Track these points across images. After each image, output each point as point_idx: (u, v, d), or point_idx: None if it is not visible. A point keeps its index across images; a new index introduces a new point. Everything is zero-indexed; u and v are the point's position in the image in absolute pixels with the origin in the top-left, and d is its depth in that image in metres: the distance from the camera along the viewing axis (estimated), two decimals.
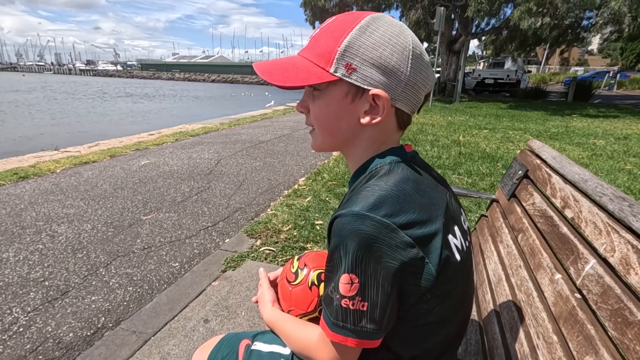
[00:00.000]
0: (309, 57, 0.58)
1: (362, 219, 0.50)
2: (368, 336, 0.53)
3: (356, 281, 0.50)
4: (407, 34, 0.55)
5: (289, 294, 0.73)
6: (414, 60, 0.55)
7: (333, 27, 0.57)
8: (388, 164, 0.58)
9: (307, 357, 0.62)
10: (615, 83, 24.51)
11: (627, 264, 0.60)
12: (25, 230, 2.50)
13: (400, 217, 0.51)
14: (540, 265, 0.88)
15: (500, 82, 16.79)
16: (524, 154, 1.34)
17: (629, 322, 0.54)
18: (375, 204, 0.51)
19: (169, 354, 1.49)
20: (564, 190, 0.94)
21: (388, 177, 0.56)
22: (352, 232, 0.50)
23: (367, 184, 0.56)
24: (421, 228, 0.52)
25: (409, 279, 0.52)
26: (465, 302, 0.64)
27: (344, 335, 0.53)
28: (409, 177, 0.56)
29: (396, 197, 0.52)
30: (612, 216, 0.70)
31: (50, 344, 1.53)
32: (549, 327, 0.73)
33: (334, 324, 0.53)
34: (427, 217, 0.53)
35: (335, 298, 0.52)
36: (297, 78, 0.56)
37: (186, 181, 3.68)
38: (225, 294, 1.90)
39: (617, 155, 5.01)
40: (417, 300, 0.54)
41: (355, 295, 0.51)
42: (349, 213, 0.51)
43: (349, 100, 0.57)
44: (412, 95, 0.57)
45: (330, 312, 0.54)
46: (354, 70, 0.54)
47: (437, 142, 5.65)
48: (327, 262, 0.55)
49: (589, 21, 10.67)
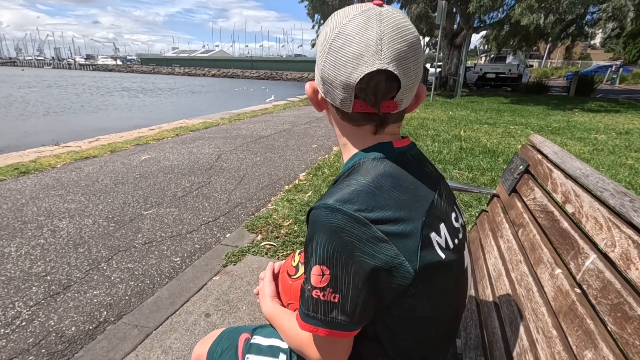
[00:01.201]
0: None
1: (334, 212, 0.51)
2: (339, 327, 0.53)
3: (327, 273, 0.51)
4: (339, 27, 0.52)
5: (289, 287, 0.74)
6: (330, 54, 0.53)
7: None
8: (371, 160, 0.58)
9: (302, 351, 0.62)
10: (617, 77, 24.35)
11: (628, 259, 0.60)
12: (26, 225, 2.51)
13: (373, 212, 0.51)
14: (540, 260, 0.88)
15: (501, 77, 16.68)
16: (525, 149, 1.34)
17: (628, 317, 0.54)
18: (349, 197, 0.52)
19: (170, 347, 1.50)
20: (565, 186, 0.94)
21: (368, 171, 0.56)
22: (323, 225, 0.51)
23: (346, 178, 0.57)
24: (396, 225, 0.52)
25: (383, 274, 0.51)
26: (456, 298, 0.64)
27: (314, 325, 0.53)
28: (390, 173, 0.56)
29: (372, 193, 0.53)
30: (613, 211, 0.70)
31: (53, 338, 1.54)
32: (549, 321, 0.73)
33: (305, 314, 0.54)
34: (404, 215, 0.53)
35: (307, 289, 0.53)
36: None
37: (187, 176, 3.68)
38: (226, 288, 1.91)
39: (618, 150, 4.99)
40: (398, 296, 0.53)
41: (326, 286, 0.51)
42: (322, 205, 0.52)
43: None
44: (331, 91, 0.56)
45: (302, 302, 0.54)
46: None
47: (438, 137, 5.64)
48: (304, 253, 0.56)
49: (592, 16, 10.56)
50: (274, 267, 0.83)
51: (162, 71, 64.27)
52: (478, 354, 0.94)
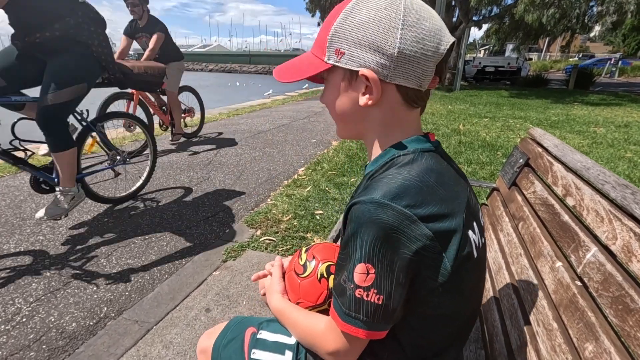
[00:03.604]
0: (313, 51, 0.60)
1: (383, 208, 0.48)
2: (379, 328, 0.52)
3: (372, 272, 0.49)
4: (398, 3, 0.52)
5: (298, 286, 0.72)
6: (407, 30, 0.51)
7: (329, 17, 0.58)
8: (412, 152, 0.56)
9: (313, 345, 0.61)
10: (616, 70, 24.30)
11: (629, 251, 0.60)
12: (25, 222, 2.50)
13: (422, 209, 0.49)
14: (540, 254, 0.88)
15: (500, 70, 16.63)
16: (525, 142, 1.33)
17: (630, 309, 0.54)
18: (398, 193, 0.50)
19: (171, 342, 1.51)
20: (565, 179, 0.93)
21: (411, 166, 0.54)
22: (371, 220, 0.49)
23: (388, 171, 0.55)
24: (442, 222, 0.51)
25: (423, 272, 0.51)
26: (475, 297, 0.64)
27: (355, 326, 0.52)
28: (433, 169, 0.55)
29: (419, 188, 0.51)
30: (614, 204, 0.70)
31: (54, 334, 1.54)
32: (549, 314, 0.73)
33: (346, 314, 0.52)
34: (448, 211, 0.52)
35: (349, 287, 0.51)
36: (299, 72, 0.59)
37: (185, 172, 3.67)
38: (226, 283, 1.91)
39: (617, 143, 4.99)
40: (429, 293, 0.53)
41: (370, 286, 0.50)
42: (369, 200, 0.50)
43: (346, 84, 0.58)
44: (412, 68, 0.53)
45: (343, 302, 0.52)
46: (343, 54, 0.55)
47: (437, 131, 5.63)
48: (341, 249, 0.54)
49: (592, 10, 10.49)
50: (282, 263, 0.82)
51: None
52: (478, 346, 0.95)
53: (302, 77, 0.59)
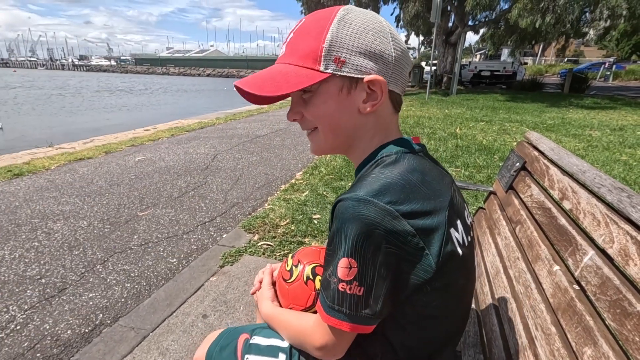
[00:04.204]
0: (293, 62, 0.57)
1: (366, 204, 0.50)
2: (362, 321, 0.53)
3: (355, 265, 0.51)
4: (380, 18, 0.58)
5: (287, 291, 0.74)
6: (394, 41, 0.57)
7: (307, 28, 0.57)
8: (395, 153, 0.59)
9: (303, 343, 0.62)
10: (611, 74, 24.54)
11: (626, 255, 0.60)
12: (20, 228, 2.48)
13: (404, 205, 0.51)
14: (538, 257, 0.88)
15: (496, 74, 16.76)
16: (522, 146, 1.34)
17: (627, 313, 0.54)
18: (380, 190, 0.51)
19: (167, 349, 1.49)
20: (562, 182, 0.94)
21: (395, 165, 0.56)
22: (354, 216, 0.50)
23: (373, 171, 0.56)
24: (424, 219, 0.52)
25: (406, 268, 0.52)
26: (465, 297, 0.64)
27: (339, 319, 0.53)
28: (416, 168, 0.56)
29: (401, 186, 0.52)
30: (610, 207, 0.70)
31: (49, 342, 1.52)
32: (548, 318, 0.73)
33: (330, 307, 0.53)
34: (431, 209, 0.53)
35: (333, 282, 0.52)
36: (289, 84, 0.55)
37: (183, 176, 3.66)
38: (223, 289, 1.90)
39: (612, 146, 5.03)
40: (415, 291, 0.54)
41: (352, 279, 0.51)
42: (352, 197, 0.51)
43: (345, 93, 0.57)
44: (400, 75, 0.59)
45: (327, 295, 0.54)
46: (344, 62, 0.55)
47: (434, 135, 5.65)
48: (328, 245, 0.55)
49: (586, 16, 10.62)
50: (272, 270, 0.83)
51: (157, 71, 63.93)
52: (477, 351, 0.94)
53: (296, 89, 0.55)
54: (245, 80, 0.59)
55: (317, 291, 0.71)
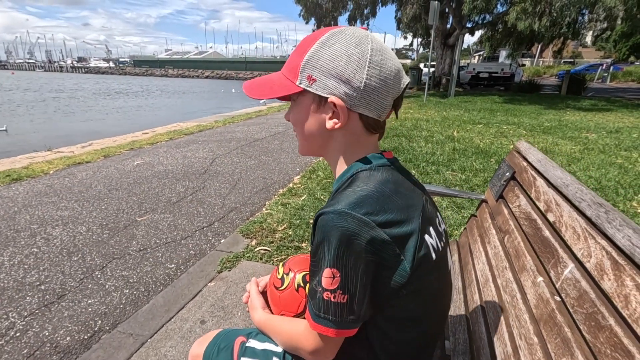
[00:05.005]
0: (284, 73, 0.64)
1: (344, 216, 0.53)
2: (347, 326, 0.57)
3: (337, 275, 0.54)
4: (366, 43, 0.59)
5: (278, 299, 0.76)
6: (372, 68, 0.58)
7: (302, 44, 0.63)
8: (368, 168, 0.63)
9: (296, 347, 0.65)
10: (608, 76, 24.65)
11: (602, 269, 0.63)
12: (19, 234, 2.50)
13: (379, 216, 0.55)
14: (524, 268, 0.91)
15: (494, 76, 16.82)
16: (512, 156, 1.36)
17: (601, 326, 0.57)
18: (357, 202, 0.55)
19: (166, 355, 1.51)
20: (547, 194, 0.96)
21: (369, 179, 0.60)
22: (334, 228, 0.53)
23: (349, 186, 0.60)
24: (398, 227, 0.56)
25: (384, 273, 0.56)
26: (441, 301, 0.68)
27: (325, 325, 0.56)
28: (389, 180, 0.61)
29: (376, 198, 0.57)
30: (589, 222, 0.73)
31: (48, 348, 1.54)
32: (531, 328, 0.76)
33: (317, 315, 0.57)
34: (404, 218, 0.57)
35: (319, 291, 0.56)
36: (271, 91, 0.64)
37: (181, 181, 3.68)
38: (221, 294, 1.92)
39: (608, 149, 5.07)
40: (392, 295, 0.57)
41: (336, 288, 0.54)
42: (332, 211, 0.55)
43: (314, 107, 0.63)
44: (374, 101, 0.61)
45: (314, 304, 0.57)
46: (315, 80, 0.60)
47: (431, 138, 5.68)
48: (312, 257, 0.59)
49: (583, 17, 10.68)
50: (257, 281, 0.87)
51: (156, 73, 63.93)
52: (466, 358, 0.97)
53: (273, 96, 0.63)
54: (250, 82, 0.69)
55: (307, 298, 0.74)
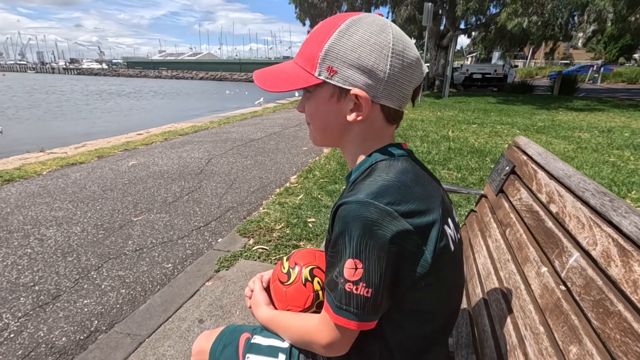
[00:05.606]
0: (299, 63, 0.62)
1: (367, 206, 0.52)
2: (368, 318, 0.55)
3: (360, 266, 0.53)
4: (387, 32, 0.57)
5: (284, 294, 0.74)
6: (395, 58, 0.57)
7: (318, 32, 0.60)
8: (387, 159, 0.61)
9: (308, 341, 0.64)
10: (599, 76, 25.01)
11: (608, 256, 0.63)
12: (12, 235, 2.46)
13: (402, 205, 0.53)
14: (527, 259, 0.91)
15: (488, 77, 16.98)
16: (511, 150, 1.37)
17: (609, 312, 0.57)
18: (379, 192, 0.54)
19: (164, 355, 1.49)
20: (549, 186, 0.97)
21: (389, 169, 0.59)
22: (356, 218, 0.52)
23: (369, 176, 0.59)
24: (421, 217, 0.55)
25: (406, 264, 0.55)
26: (455, 294, 0.67)
27: (347, 318, 0.55)
28: (408, 170, 0.60)
29: (397, 187, 0.55)
30: (594, 210, 0.73)
31: (43, 349, 1.51)
32: (536, 318, 0.76)
33: (338, 307, 0.55)
34: (426, 208, 0.56)
35: (340, 282, 0.54)
36: (287, 83, 0.61)
37: (177, 181, 3.65)
38: (219, 293, 1.90)
39: (601, 147, 5.13)
40: (411, 286, 0.56)
41: (359, 280, 0.53)
42: (353, 200, 0.53)
43: (334, 100, 0.60)
44: (396, 91, 0.59)
45: (335, 296, 0.56)
46: (336, 72, 0.58)
47: (426, 138, 5.71)
48: (331, 247, 0.57)
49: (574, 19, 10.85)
50: (262, 277, 0.85)
51: (149, 74, 63.55)
52: (469, 351, 0.97)
53: (291, 89, 0.61)
54: (261, 72, 0.66)
55: (315, 292, 0.72)
